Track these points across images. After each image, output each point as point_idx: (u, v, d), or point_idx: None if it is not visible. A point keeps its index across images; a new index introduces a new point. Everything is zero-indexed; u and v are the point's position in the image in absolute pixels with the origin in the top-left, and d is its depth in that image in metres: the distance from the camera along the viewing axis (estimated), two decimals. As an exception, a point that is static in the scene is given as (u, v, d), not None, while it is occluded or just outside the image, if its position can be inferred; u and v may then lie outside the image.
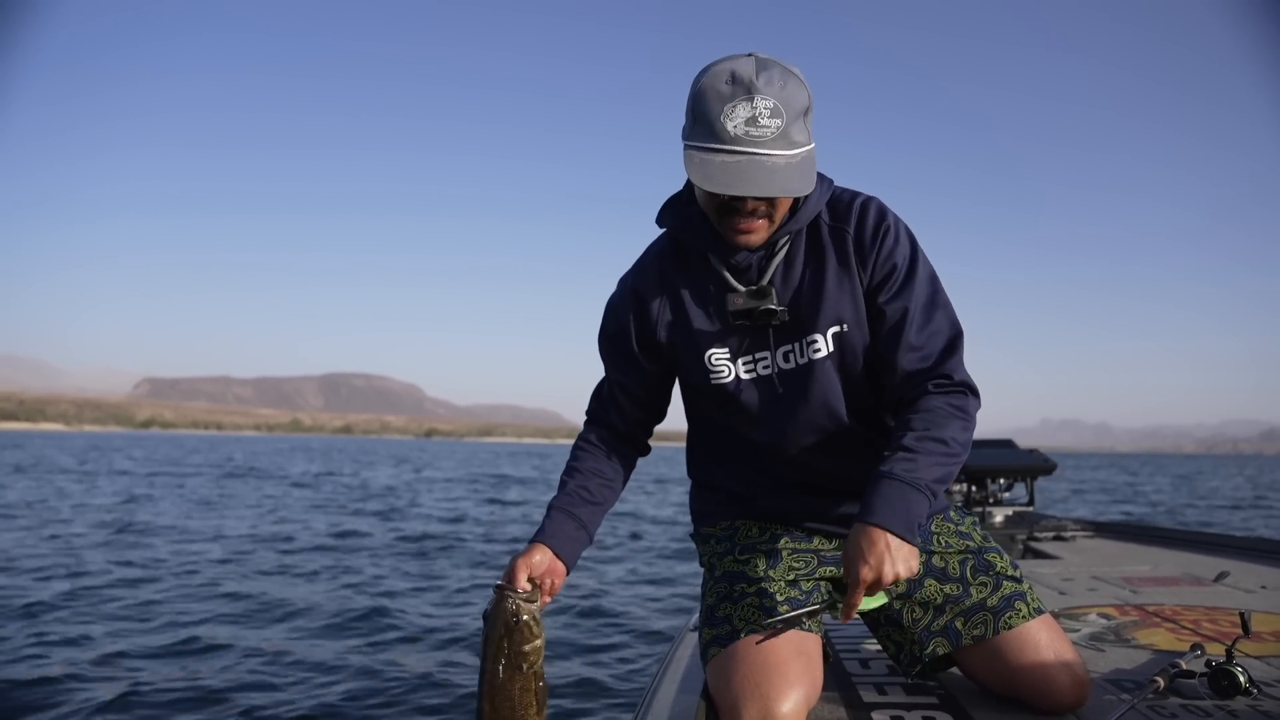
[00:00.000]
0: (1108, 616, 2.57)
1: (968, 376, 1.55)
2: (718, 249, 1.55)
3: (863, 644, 2.24)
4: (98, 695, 4.28)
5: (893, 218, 1.56)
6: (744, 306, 1.52)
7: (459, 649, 5.39)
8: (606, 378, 1.73)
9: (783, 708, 1.40)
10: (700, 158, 1.37)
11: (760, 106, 1.35)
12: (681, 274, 1.62)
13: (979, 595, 1.64)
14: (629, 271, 1.70)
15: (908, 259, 1.55)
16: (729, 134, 1.36)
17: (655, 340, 1.65)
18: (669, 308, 1.63)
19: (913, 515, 1.40)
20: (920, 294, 1.55)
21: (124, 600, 6.73)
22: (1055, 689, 1.58)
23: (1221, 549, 4.08)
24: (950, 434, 1.47)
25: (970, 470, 5.00)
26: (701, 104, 1.38)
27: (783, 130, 1.37)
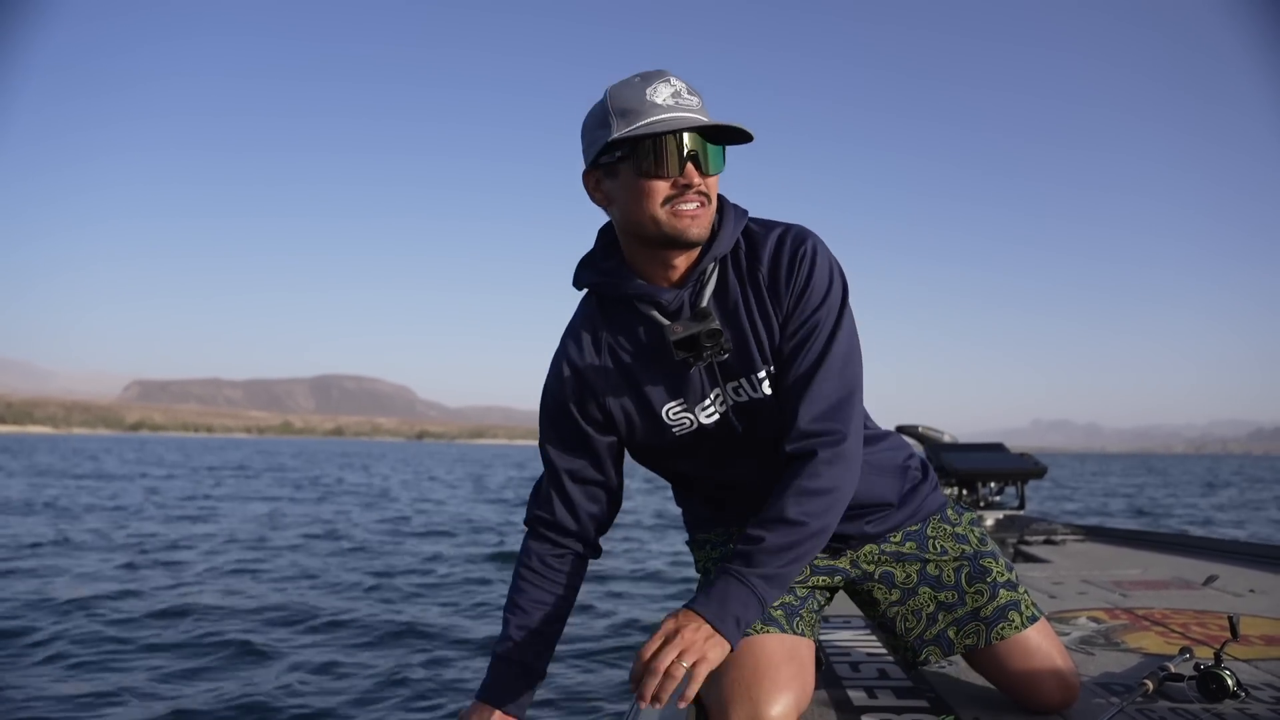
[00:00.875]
0: (1097, 620, 2.59)
1: (849, 429, 1.43)
2: (646, 291, 1.45)
3: (854, 647, 2.25)
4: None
5: (809, 251, 1.46)
6: (685, 334, 1.41)
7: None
8: (551, 473, 1.58)
9: (772, 711, 1.40)
10: (639, 130, 1.33)
11: (677, 84, 1.37)
12: (615, 335, 1.52)
13: (973, 604, 1.65)
14: (559, 349, 1.57)
15: (818, 303, 1.45)
16: (659, 104, 1.35)
17: (605, 411, 1.54)
18: (612, 373, 1.52)
19: (728, 610, 1.30)
20: (820, 344, 1.45)
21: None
22: (1043, 694, 1.65)
23: (1211, 553, 4.10)
24: (806, 512, 1.36)
25: (961, 474, 5.02)
26: (618, 100, 1.37)
27: (703, 106, 1.38)
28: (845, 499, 1.43)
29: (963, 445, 5.30)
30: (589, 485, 1.58)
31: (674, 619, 1.31)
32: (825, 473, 1.39)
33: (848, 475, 1.42)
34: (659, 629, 1.31)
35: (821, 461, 1.39)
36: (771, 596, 1.35)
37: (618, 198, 1.42)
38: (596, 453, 1.57)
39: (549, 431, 1.58)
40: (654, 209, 1.38)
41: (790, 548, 1.35)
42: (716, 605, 1.31)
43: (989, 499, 5.18)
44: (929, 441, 5.28)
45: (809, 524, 1.36)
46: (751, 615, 1.33)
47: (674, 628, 1.29)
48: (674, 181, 1.36)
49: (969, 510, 1.79)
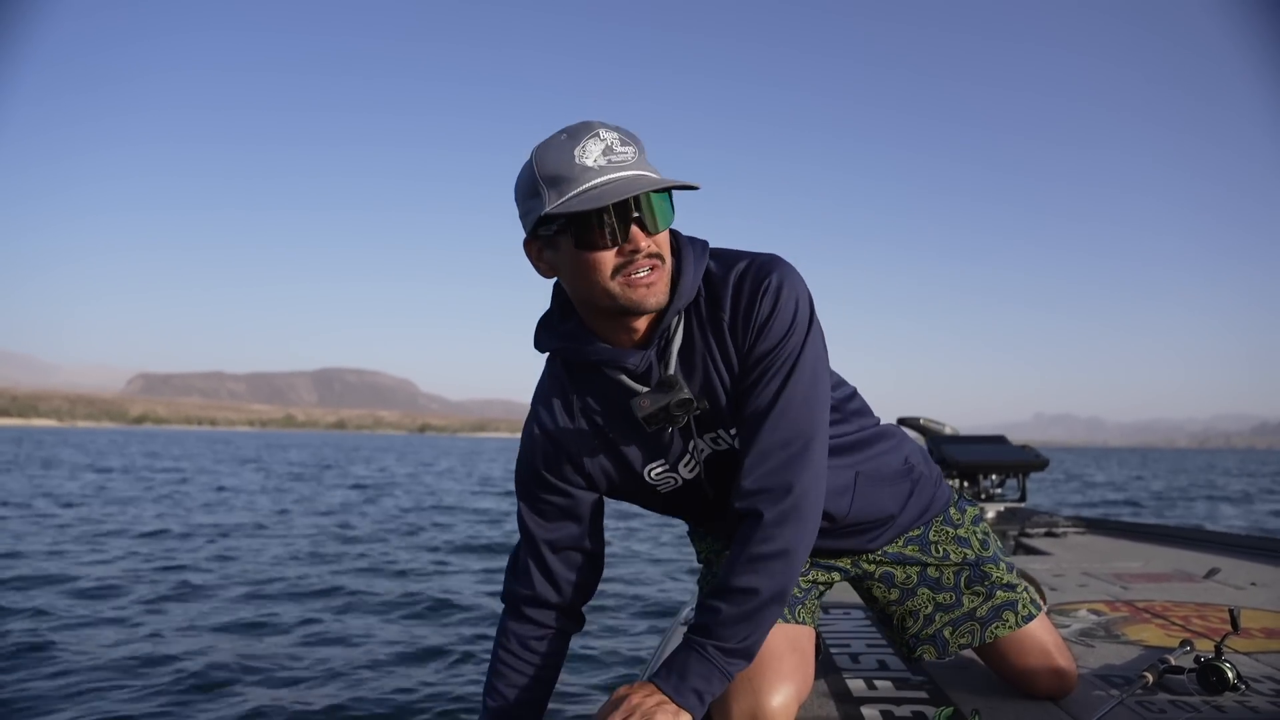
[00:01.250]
0: (1098, 612, 2.58)
1: (798, 480, 1.32)
2: (610, 356, 1.35)
3: (855, 638, 2.25)
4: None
5: (772, 286, 1.34)
6: (652, 409, 1.31)
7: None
8: (530, 544, 1.49)
9: (773, 701, 1.41)
10: (578, 200, 1.20)
11: (608, 138, 1.23)
12: (585, 397, 1.43)
13: (969, 605, 1.65)
14: (530, 415, 1.48)
15: (776, 341, 1.34)
16: (591, 167, 1.21)
17: (584, 473, 1.46)
18: (588, 437, 1.43)
19: (687, 683, 1.26)
20: (774, 388, 1.34)
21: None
22: (1039, 685, 1.69)
23: (1212, 545, 4.10)
24: (760, 580, 1.28)
25: (962, 466, 5.01)
26: (546, 165, 1.23)
27: (640, 156, 1.24)
28: (802, 557, 1.33)
29: (964, 437, 5.29)
30: (571, 553, 1.50)
31: (628, 687, 1.28)
32: (775, 535, 1.29)
33: (801, 533, 1.32)
34: (610, 697, 1.28)
35: (769, 523, 1.29)
36: (735, 667, 1.29)
37: (563, 270, 1.31)
38: (578, 517, 1.49)
39: (527, 501, 1.49)
40: (604, 282, 1.26)
41: (747, 618, 1.28)
42: (676, 679, 1.26)
43: (990, 491, 5.17)
44: (930, 433, 5.27)
45: (763, 591, 1.28)
46: (714, 688, 1.27)
47: (624, 694, 1.26)
48: (619, 250, 1.24)
49: (973, 505, 1.78)
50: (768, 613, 1.30)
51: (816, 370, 1.37)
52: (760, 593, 1.28)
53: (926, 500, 1.67)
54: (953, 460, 4.98)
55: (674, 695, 1.24)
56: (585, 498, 1.48)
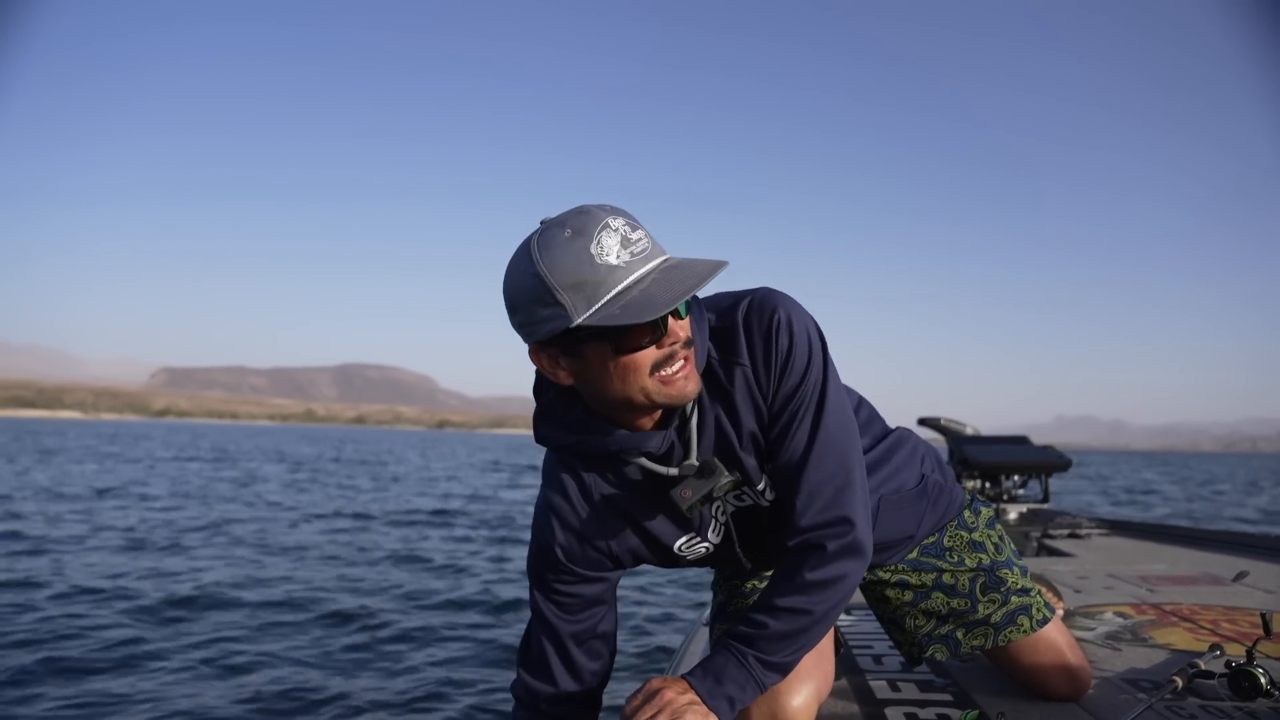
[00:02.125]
0: (1124, 615, 2.54)
1: (856, 515, 1.30)
2: (631, 443, 1.27)
3: (878, 640, 2.23)
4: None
5: (782, 320, 1.28)
6: (695, 498, 1.28)
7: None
8: (551, 637, 1.41)
9: (794, 702, 1.40)
10: (616, 310, 1.10)
11: (619, 226, 1.13)
12: (603, 477, 1.36)
13: (984, 611, 1.64)
14: (542, 503, 1.40)
15: (800, 377, 1.29)
16: (618, 266, 1.11)
17: (610, 554, 1.39)
18: (610, 519, 1.37)
19: (723, 689, 1.25)
20: (808, 426, 1.30)
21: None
22: (1050, 686, 1.69)
23: (1240, 548, 4.02)
24: (813, 601, 1.28)
25: (984, 467, 4.96)
26: (564, 272, 1.11)
27: (651, 240, 1.16)
28: (854, 585, 1.32)
29: (986, 438, 5.24)
30: (593, 641, 1.44)
31: (661, 680, 1.27)
32: (835, 563, 1.28)
33: (859, 563, 1.31)
34: (642, 688, 1.27)
35: (832, 553, 1.28)
36: (771, 680, 1.28)
37: (590, 374, 1.21)
38: (601, 601, 1.43)
39: (545, 593, 1.41)
40: (641, 382, 1.18)
41: (793, 637, 1.28)
42: (711, 682, 1.25)
43: (1012, 492, 5.11)
44: (951, 434, 5.22)
45: (814, 614, 1.28)
46: (748, 697, 1.26)
47: (657, 687, 1.25)
48: (657, 345, 1.17)
49: (987, 506, 1.76)
50: (814, 634, 1.29)
51: (840, 394, 1.34)
52: (811, 614, 1.27)
53: (942, 508, 1.65)
54: (974, 461, 4.92)
55: (707, 697, 1.23)
56: (609, 580, 1.43)
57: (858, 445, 1.34)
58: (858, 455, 1.34)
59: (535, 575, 1.42)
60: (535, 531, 1.41)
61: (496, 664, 4.97)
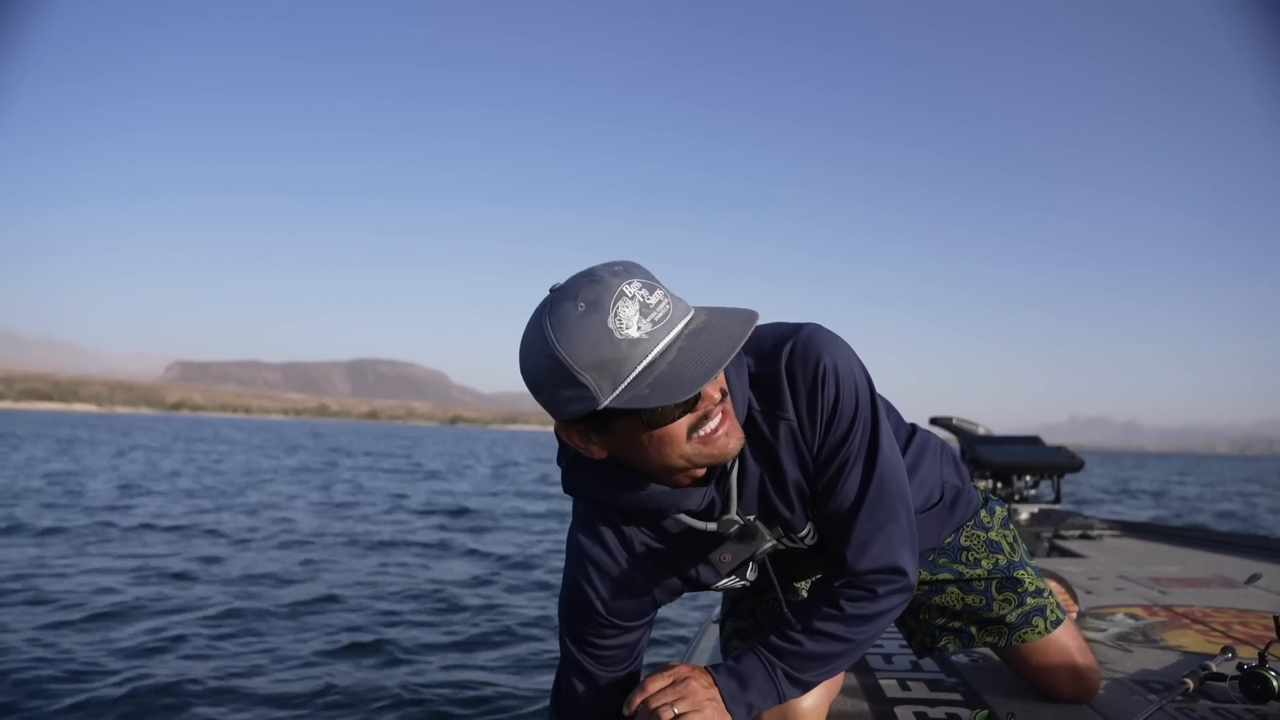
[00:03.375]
0: (1135, 616, 2.54)
1: (908, 564, 1.29)
2: (671, 501, 1.23)
3: (887, 639, 2.23)
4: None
5: (829, 367, 1.21)
6: (735, 563, 1.26)
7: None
8: (588, 686, 1.38)
9: (804, 703, 1.40)
10: (644, 390, 1.03)
11: (635, 292, 1.04)
12: (640, 526, 1.31)
13: (999, 611, 1.64)
14: (577, 554, 1.34)
15: (849, 424, 1.24)
16: (641, 339, 1.03)
17: (650, 599, 1.35)
18: (650, 568, 1.32)
19: (746, 694, 1.25)
20: (859, 473, 1.26)
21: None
22: (1059, 688, 1.70)
23: (1253, 550, 4.01)
24: (854, 631, 1.28)
25: (996, 467, 4.95)
26: (584, 353, 1.03)
27: (673, 299, 1.08)
28: (897, 615, 1.33)
29: (998, 438, 5.22)
30: (628, 680, 1.40)
31: (689, 668, 1.28)
32: (882, 603, 1.28)
33: (904, 602, 1.31)
34: (666, 669, 1.28)
35: (880, 596, 1.28)
36: (791, 694, 1.29)
37: (622, 450, 1.17)
38: (636, 644, 1.40)
39: (581, 646, 1.36)
40: (680, 449, 1.13)
41: (825, 660, 1.29)
42: (736, 685, 1.25)
43: (1024, 492, 5.10)
44: (963, 434, 5.21)
45: (853, 641, 1.29)
46: (767, 706, 1.27)
47: (684, 675, 1.26)
48: (693, 410, 1.11)
49: (1001, 505, 1.76)
50: (846, 660, 1.31)
51: (892, 440, 1.30)
52: (850, 643, 1.29)
53: (961, 512, 1.65)
54: (986, 461, 4.91)
55: (729, 700, 1.25)
56: (645, 623, 1.40)
57: (907, 488, 1.32)
58: (907, 498, 1.31)
59: (570, 625, 1.37)
60: (570, 584, 1.36)
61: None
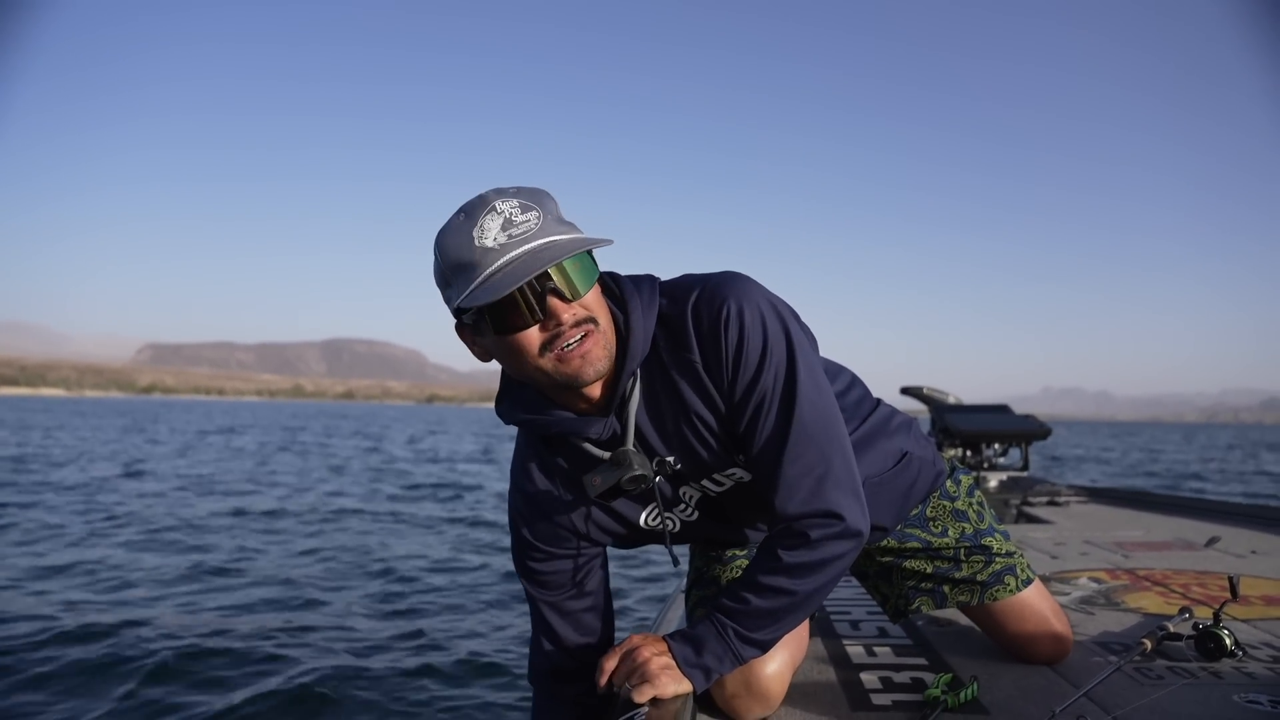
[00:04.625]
0: (1098, 580, 2.59)
1: (843, 505, 1.28)
2: (572, 427, 1.28)
3: (854, 605, 2.26)
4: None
5: (732, 310, 1.24)
6: (603, 487, 1.28)
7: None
8: (544, 618, 1.46)
9: (767, 669, 1.41)
10: (482, 290, 1.11)
11: (506, 209, 1.14)
12: (565, 458, 1.37)
13: (970, 571, 1.66)
14: (512, 484, 1.43)
15: (756, 366, 1.25)
16: (492, 248, 1.12)
17: (579, 533, 1.41)
18: (576, 500, 1.38)
19: (701, 659, 1.28)
20: (775, 414, 1.26)
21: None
22: (1035, 650, 1.70)
23: (1213, 514, 4.09)
24: (797, 582, 1.27)
25: (965, 435, 5.01)
26: (449, 254, 1.15)
27: (543, 221, 1.15)
28: (846, 564, 1.31)
29: (967, 406, 5.28)
30: (583, 615, 1.47)
31: (641, 637, 1.30)
32: (820, 547, 1.27)
33: (848, 548, 1.29)
34: (619, 645, 1.31)
35: (814, 541, 1.27)
36: (749, 654, 1.30)
37: (496, 353, 1.24)
38: (585, 578, 1.46)
39: (529, 576, 1.45)
40: (534, 361, 1.19)
41: (775, 616, 1.29)
42: (690, 650, 1.28)
43: (993, 460, 5.17)
44: (933, 403, 5.26)
45: (798, 593, 1.28)
46: (724, 668, 1.30)
47: (636, 644, 1.28)
48: (542, 325, 1.16)
49: (967, 474, 1.78)
50: (798, 614, 1.31)
51: (816, 382, 1.30)
52: (795, 595, 1.28)
53: (926, 483, 1.67)
54: (955, 429, 4.97)
55: (683, 664, 1.26)
56: (587, 557, 1.44)
57: (840, 430, 1.31)
58: (839, 441, 1.30)
59: (516, 558, 1.46)
60: (509, 514, 1.45)
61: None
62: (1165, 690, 1.55)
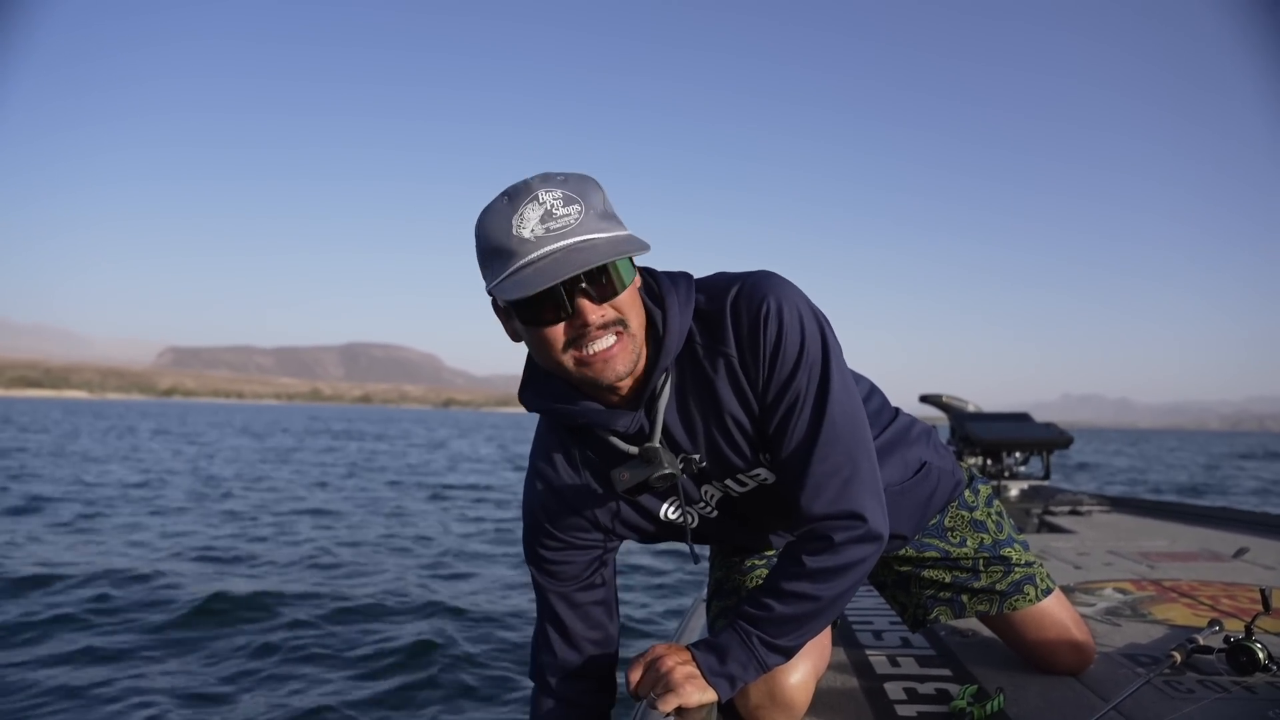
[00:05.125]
0: (1124, 591, 2.55)
1: (867, 508, 1.27)
2: (599, 419, 1.27)
3: (877, 615, 2.24)
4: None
5: (772, 307, 1.24)
6: (631, 483, 1.28)
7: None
8: (553, 613, 1.43)
9: (791, 679, 1.40)
10: (511, 283, 1.10)
11: (548, 200, 1.12)
12: (588, 448, 1.36)
13: (988, 580, 1.65)
14: (531, 472, 1.42)
15: (793, 366, 1.25)
16: (528, 240, 1.10)
17: (598, 524, 1.40)
18: (596, 490, 1.36)
19: (726, 667, 1.26)
20: (808, 416, 1.26)
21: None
22: (1056, 660, 1.69)
23: (1240, 525, 4.03)
24: (820, 587, 1.26)
25: (985, 444, 4.96)
26: (488, 237, 1.14)
27: (584, 216, 1.12)
28: (867, 569, 1.31)
29: (987, 415, 5.23)
30: (591, 609, 1.45)
31: (665, 647, 1.29)
32: (844, 551, 1.26)
33: (871, 551, 1.29)
34: (644, 653, 1.29)
35: (838, 545, 1.26)
36: (774, 661, 1.29)
37: (525, 339, 1.24)
38: (594, 572, 1.44)
39: (540, 566, 1.43)
40: (556, 357, 1.18)
41: (798, 622, 1.28)
42: (714, 659, 1.26)
43: (1013, 469, 5.11)
44: (953, 411, 5.21)
45: (821, 598, 1.27)
46: (749, 677, 1.28)
47: (660, 653, 1.27)
48: (568, 324, 1.15)
49: (985, 483, 1.76)
50: (821, 620, 1.30)
51: (847, 384, 1.30)
52: (818, 600, 1.27)
53: (945, 493, 1.65)
54: (976, 437, 4.92)
55: (707, 673, 1.25)
56: (603, 549, 1.43)
57: (867, 434, 1.31)
58: (866, 445, 1.31)
59: (528, 547, 1.44)
60: (524, 501, 1.43)
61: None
62: (1197, 704, 1.53)
